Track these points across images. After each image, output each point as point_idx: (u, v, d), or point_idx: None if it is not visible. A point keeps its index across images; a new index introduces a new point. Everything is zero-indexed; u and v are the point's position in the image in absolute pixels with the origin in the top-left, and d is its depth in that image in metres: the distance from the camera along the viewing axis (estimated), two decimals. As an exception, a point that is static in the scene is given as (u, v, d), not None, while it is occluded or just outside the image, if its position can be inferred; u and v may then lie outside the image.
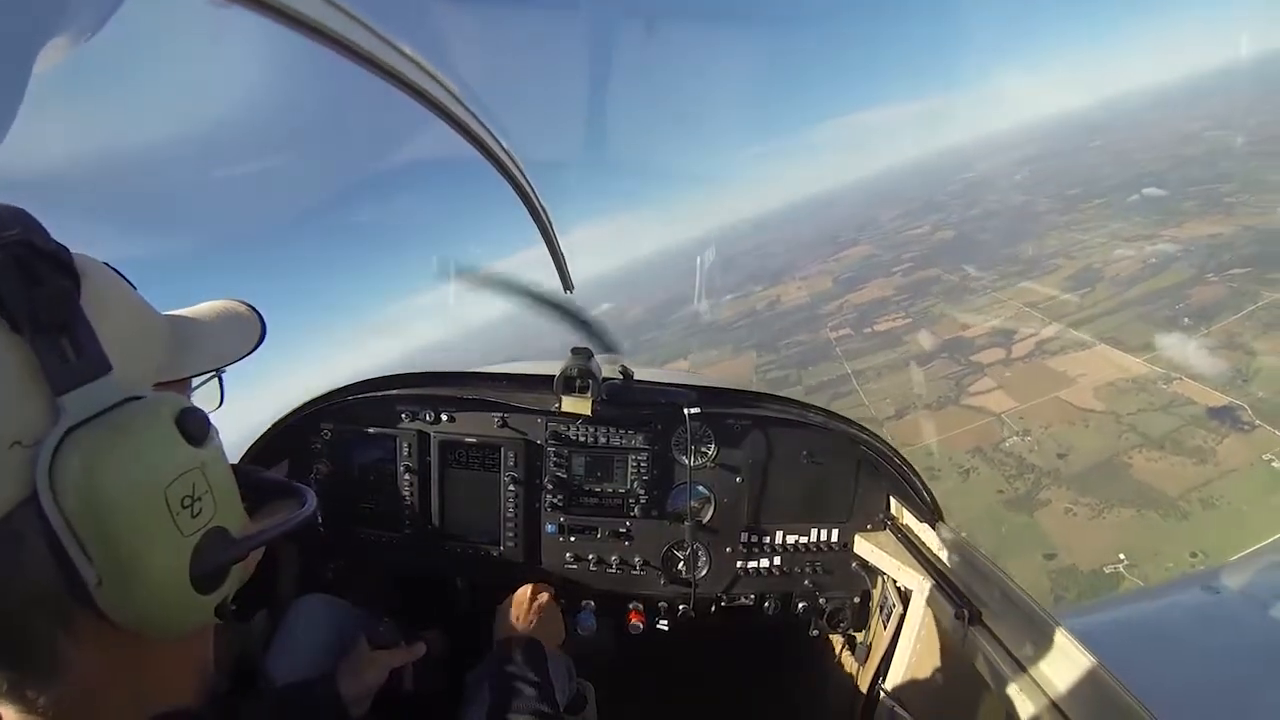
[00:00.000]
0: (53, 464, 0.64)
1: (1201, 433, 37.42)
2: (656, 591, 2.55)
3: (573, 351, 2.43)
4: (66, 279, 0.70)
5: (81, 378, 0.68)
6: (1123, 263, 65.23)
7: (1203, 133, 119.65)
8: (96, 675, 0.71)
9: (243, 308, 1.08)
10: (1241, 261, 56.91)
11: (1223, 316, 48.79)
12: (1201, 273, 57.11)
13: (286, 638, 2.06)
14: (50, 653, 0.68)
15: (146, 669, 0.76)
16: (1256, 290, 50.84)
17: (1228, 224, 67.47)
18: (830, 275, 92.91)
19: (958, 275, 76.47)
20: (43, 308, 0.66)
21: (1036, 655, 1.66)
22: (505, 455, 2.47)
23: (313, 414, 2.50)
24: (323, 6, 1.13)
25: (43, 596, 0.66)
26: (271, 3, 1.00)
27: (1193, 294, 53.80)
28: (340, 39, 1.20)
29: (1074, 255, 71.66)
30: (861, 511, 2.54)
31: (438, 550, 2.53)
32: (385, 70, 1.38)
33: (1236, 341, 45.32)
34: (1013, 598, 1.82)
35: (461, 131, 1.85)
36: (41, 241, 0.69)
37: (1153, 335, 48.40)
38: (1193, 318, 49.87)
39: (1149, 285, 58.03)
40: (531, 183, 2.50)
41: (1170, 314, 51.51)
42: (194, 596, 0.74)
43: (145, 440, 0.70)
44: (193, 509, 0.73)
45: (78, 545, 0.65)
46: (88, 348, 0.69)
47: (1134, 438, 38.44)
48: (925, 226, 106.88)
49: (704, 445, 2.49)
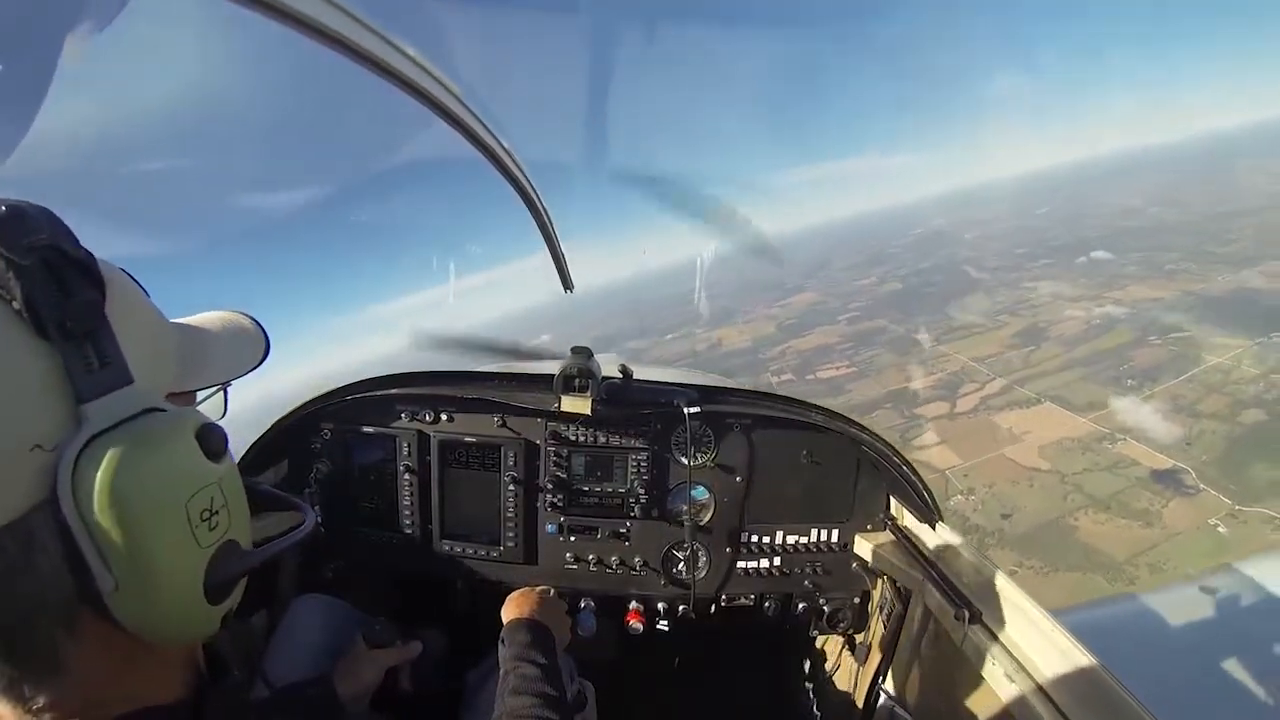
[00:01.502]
0: (75, 471, 0.65)
1: (1147, 495, 37.14)
2: (656, 592, 2.56)
3: (573, 351, 2.42)
4: (94, 288, 0.71)
5: (105, 387, 0.69)
6: (1068, 322, 65.54)
7: (1146, 208, 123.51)
8: (95, 674, 0.72)
9: (246, 320, 1.08)
10: (1183, 325, 57.47)
11: (1165, 379, 48.83)
12: (1145, 335, 57.45)
13: (286, 637, 2.06)
14: (52, 652, 0.68)
15: (142, 668, 0.77)
16: (1198, 354, 51.15)
17: (1169, 289, 68.47)
18: (774, 320, 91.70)
19: (903, 327, 76.16)
20: (71, 315, 0.67)
21: (1036, 655, 1.67)
22: (505, 455, 2.47)
23: (313, 414, 2.50)
24: (323, 7, 1.13)
25: (50, 597, 0.67)
26: (272, 3, 1.00)
27: (1136, 356, 53.91)
28: (341, 39, 1.20)
29: (1020, 313, 71.76)
30: (861, 511, 2.54)
31: (438, 550, 2.53)
32: (387, 70, 1.38)
33: (1180, 404, 45.27)
34: (1012, 598, 1.84)
35: (462, 131, 1.83)
36: (70, 248, 0.70)
37: (1098, 395, 48.31)
38: (1137, 379, 49.89)
39: (1094, 345, 58.15)
40: (532, 183, 2.48)
41: (1115, 374, 51.45)
42: (205, 606, 0.76)
43: (169, 454, 0.72)
44: (210, 522, 0.75)
45: (96, 552, 0.66)
46: (112, 358, 0.71)
47: (1080, 498, 38.06)
48: (873, 277, 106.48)
49: (703, 445, 2.49)
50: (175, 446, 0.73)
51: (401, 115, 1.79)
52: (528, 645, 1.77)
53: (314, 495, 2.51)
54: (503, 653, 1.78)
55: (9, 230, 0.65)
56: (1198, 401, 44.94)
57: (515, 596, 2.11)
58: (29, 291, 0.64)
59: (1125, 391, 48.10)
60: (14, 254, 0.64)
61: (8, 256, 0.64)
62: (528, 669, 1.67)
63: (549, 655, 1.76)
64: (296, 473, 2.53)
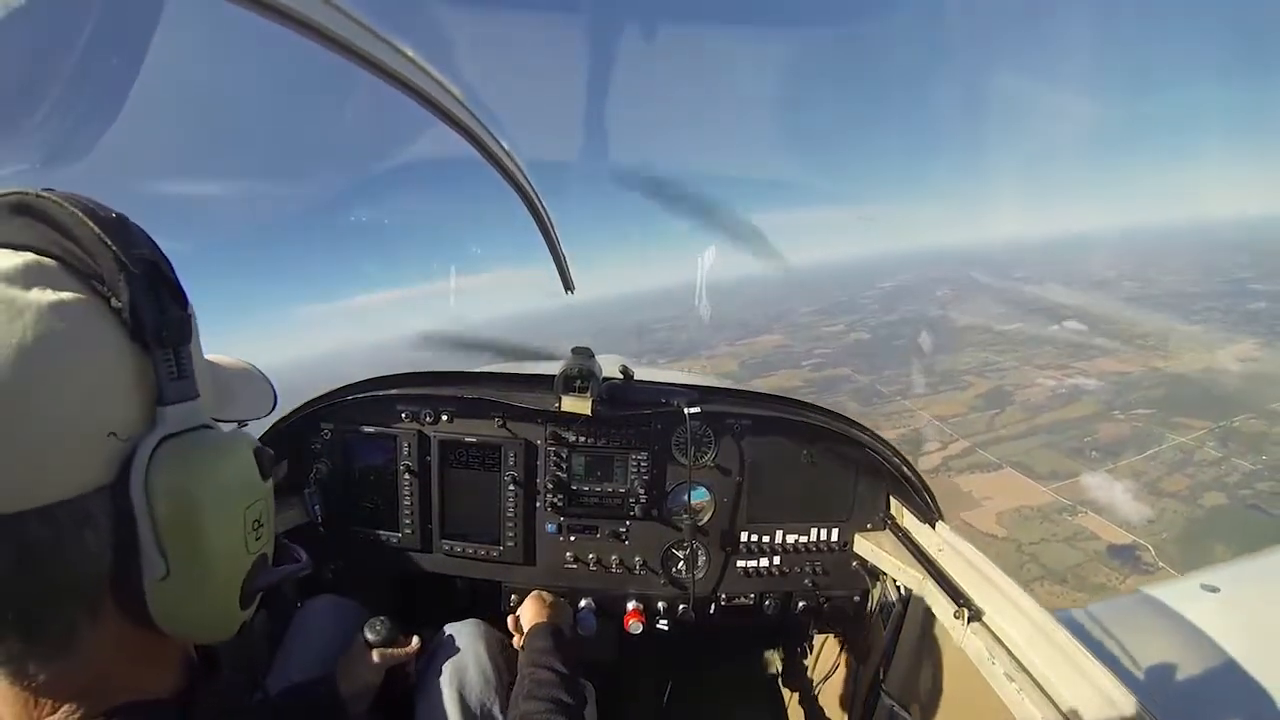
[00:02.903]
0: (150, 463, 0.71)
1: (1105, 570, 36.47)
2: (656, 591, 2.56)
3: (573, 351, 2.44)
4: (182, 308, 0.78)
5: (181, 396, 0.76)
6: (1034, 389, 64.80)
7: (1120, 281, 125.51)
8: (100, 662, 0.74)
9: (255, 370, 1.14)
10: (1147, 403, 57.07)
11: (1128, 454, 48.37)
12: (1109, 409, 57.08)
13: (297, 638, 2.08)
14: (69, 633, 0.70)
15: (142, 660, 0.79)
16: (1161, 433, 50.82)
17: (1135, 364, 68.17)
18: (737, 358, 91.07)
19: (868, 377, 75.17)
20: (166, 327, 0.74)
21: (1036, 655, 1.67)
22: (505, 455, 2.47)
23: (312, 414, 2.50)
24: (323, 8, 1.15)
25: (85, 577, 0.70)
26: (272, 3, 1.02)
27: (1100, 429, 53.51)
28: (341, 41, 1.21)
29: (987, 375, 70.89)
30: (861, 511, 2.55)
31: (438, 550, 2.54)
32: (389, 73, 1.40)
33: (1141, 480, 44.69)
34: (1012, 597, 1.85)
35: (461, 132, 1.85)
36: (165, 267, 0.77)
37: (1060, 464, 47.70)
38: (1100, 452, 49.36)
39: (1058, 414, 57.50)
40: (532, 183, 2.49)
41: (1078, 446, 50.82)
42: (237, 609, 0.82)
43: (237, 464, 0.80)
44: (257, 532, 0.82)
45: (155, 540, 0.71)
46: (189, 373, 0.77)
47: (1036, 569, 37.24)
48: (840, 325, 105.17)
49: (704, 445, 2.49)
50: (241, 458, 0.81)
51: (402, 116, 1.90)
52: (546, 651, 1.83)
53: (314, 495, 2.46)
54: (522, 657, 1.86)
55: (123, 237, 0.72)
56: (1159, 480, 44.42)
57: (533, 599, 2.20)
58: (134, 297, 0.71)
59: (1088, 463, 47.63)
60: (128, 260, 0.71)
61: (121, 260, 0.70)
62: (544, 674, 1.72)
63: (567, 663, 1.80)
64: (296, 472, 2.52)
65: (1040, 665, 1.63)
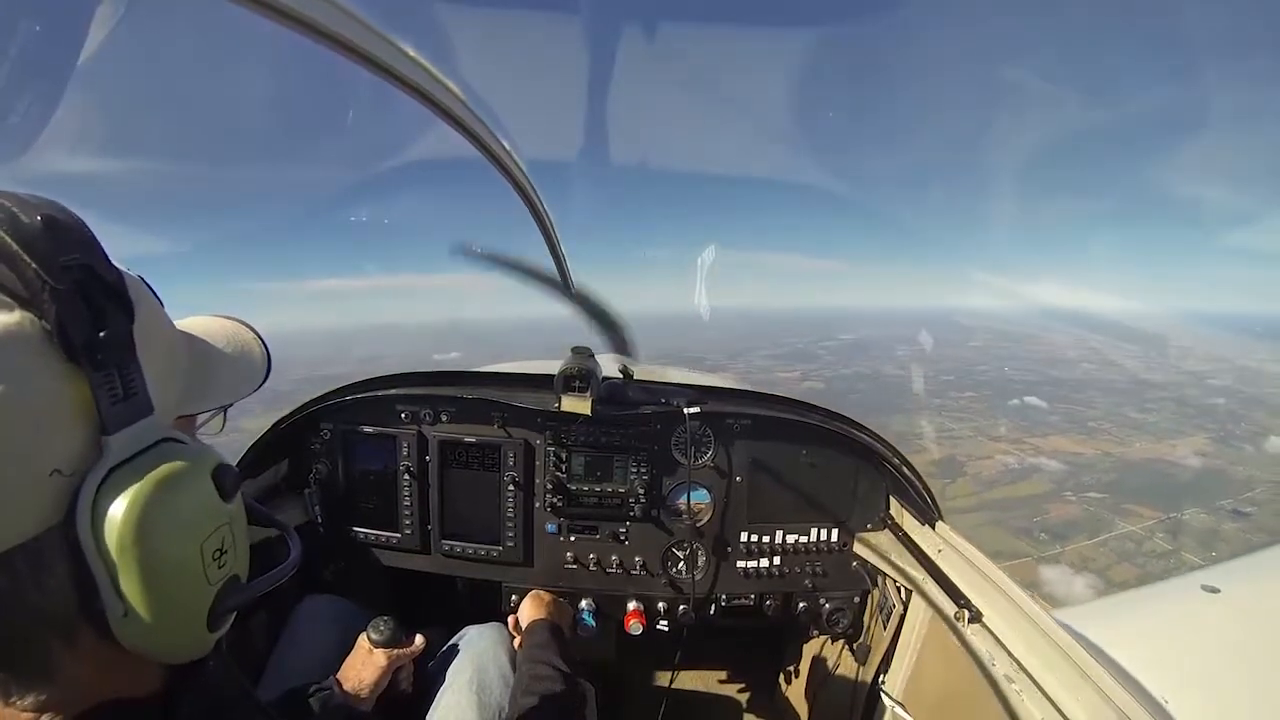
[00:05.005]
0: (96, 501, 0.65)
1: None
2: (656, 592, 2.54)
3: (573, 351, 2.44)
4: (123, 313, 0.70)
5: (128, 419, 0.69)
6: (986, 462, 63.42)
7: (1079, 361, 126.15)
8: (84, 680, 0.72)
9: (248, 333, 1.06)
10: (1100, 486, 56.07)
11: (1078, 538, 47.30)
12: (1060, 489, 55.95)
13: (297, 637, 2.07)
14: (48, 661, 0.69)
15: (128, 669, 0.78)
16: (1112, 519, 49.82)
17: (1089, 446, 67.33)
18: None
19: (821, 431, 72.26)
20: (102, 346, 0.67)
21: (1036, 655, 1.67)
22: (505, 455, 2.46)
23: (312, 414, 2.48)
24: (323, 7, 1.12)
25: (53, 615, 0.67)
26: (271, 3, 1.01)
27: (1051, 509, 52.16)
28: (341, 40, 1.18)
29: (941, 442, 69.58)
30: (861, 511, 2.53)
31: (437, 550, 2.52)
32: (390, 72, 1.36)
33: (1090, 567, 43.59)
34: (1013, 597, 1.85)
35: (461, 130, 1.80)
36: (103, 268, 0.69)
37: (1007, 543, 46.20)
38: (1049, 534, 48.15)
39: (1009, 490, 56.16)
40: (533, 183, 2.39)
41: (1026, 525, 49.46)
42: (205, 633, 0.78)
43: (189, 496, 0.74)
44: (219, 560, 0.77)
45: (110, 582, 0.66)
46: (137, 389, 0.71)
47: None
48: (796, 372, 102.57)
49: (703, 445, 2.47)
50: (195, 488, 0.74)
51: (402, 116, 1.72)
52: (544, 647, 1.86)
53: (314, 495, 2.44)
54: (521, 654, 1.88)
55: (45, 247, 0.63)
56: (1108, 568, 43.42)
57: (532, 599, 2.24)
58: (62, 315, 0.63)
59: (1036, 543, 46.56)
60: (49, 275, 0.63)
61: (43, 277, 0.62)
62: (543, 670, 1.74)
63: (566, 660, 1.82)
64: (296, 473, 2.51)
65: (1040, 666, 1.64)
